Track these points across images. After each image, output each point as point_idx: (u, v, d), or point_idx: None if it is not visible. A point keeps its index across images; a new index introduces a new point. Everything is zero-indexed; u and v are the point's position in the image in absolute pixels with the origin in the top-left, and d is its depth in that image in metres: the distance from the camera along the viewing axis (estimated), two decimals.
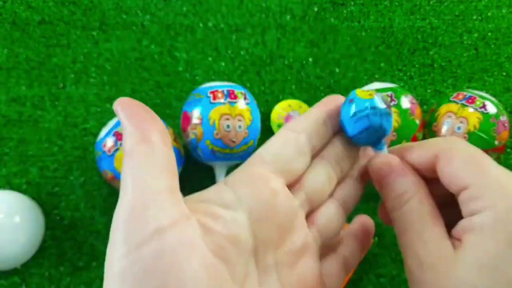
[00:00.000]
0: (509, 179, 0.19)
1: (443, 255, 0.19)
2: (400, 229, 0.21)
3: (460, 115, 0.46)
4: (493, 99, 0.47)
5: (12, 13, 0.58)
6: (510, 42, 0.59)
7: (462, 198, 0.20)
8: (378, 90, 0.47)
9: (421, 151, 0.22)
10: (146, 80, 0.56)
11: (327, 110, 0.24)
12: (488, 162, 0.20)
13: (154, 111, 0.59)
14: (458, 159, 0.20)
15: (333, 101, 0.24)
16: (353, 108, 0.23)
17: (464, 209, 0.19)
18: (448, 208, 0.22)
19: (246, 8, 0.60)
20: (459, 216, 0.20)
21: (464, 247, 0.18)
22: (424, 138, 0.49)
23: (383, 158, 0.23)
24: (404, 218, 0.21)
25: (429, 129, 0.49)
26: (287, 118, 0.54)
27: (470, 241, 0.18)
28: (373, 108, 0.22)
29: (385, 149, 0.23)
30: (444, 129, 0.47)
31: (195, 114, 0.46)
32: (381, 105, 0.22)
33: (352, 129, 0.23)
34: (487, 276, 0.17)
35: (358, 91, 0.23)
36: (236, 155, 0.46)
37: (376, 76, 0.57)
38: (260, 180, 0.21)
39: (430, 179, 0.22)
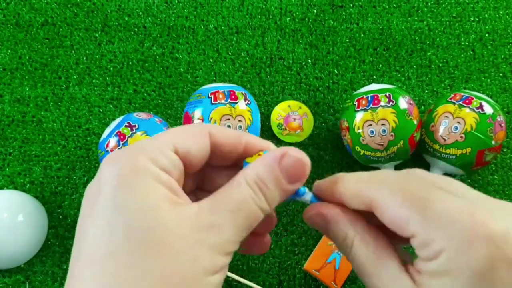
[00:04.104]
0: (457, 209, 0.18)
1: None
2: (357, 270, 0.21)
3: (457, 115, 0.47)
4: (490, 99, 0.48)
5: (15, 15, 0.59)
6: (507, 43, 0.60)
7: (412, 243, 0.19)
8: (376, 91, 0.48)
9: (354, 200, 0.21)
10: (148, 81, 0.57)
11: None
12: (431, 197, 0.18)
13: (156, 112, 0.60)
14: (396, 207, 0.19)
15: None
16: None
17: (418, 252, 0.19)
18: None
19: (246, 10, 0.61)
20: None
21: None
22: (421, 138, 0.50)
23: (314, 209, 0.22)
24: (356, 263, 0.21)
25: (426, 129, 0.49)
26: (287, 118, 0.54)
27: (430, 285, 0.18)
28: None
29: (307, 194, 0.23)
30: (441, 129, 0.48)
31: (197, 115, 0.47)
32: None
33: None
34: None
35: (247, 159, 0.22)
36: None
37: (374, 77, 0.58)
38: None
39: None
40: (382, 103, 0.46)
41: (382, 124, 0.46)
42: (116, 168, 0.18)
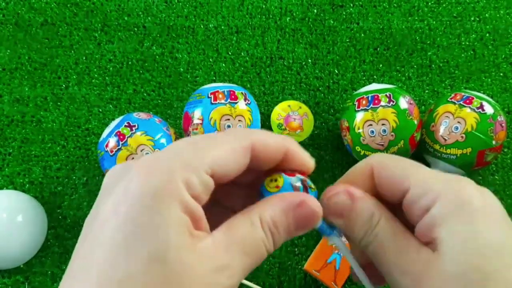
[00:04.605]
0: (438, 173, 0.21)
1: (428, 259, 0.19)
2: (378, 251, 0.21)
3: (457, 115, 0.47)
4: (491, 99, 0.48)
5: (15, 14, 0.59)
6: (507, 43, 0.59)
7: (409, 200, 0.21)
8: (376, 91, 0.48)
9: (356, 169, 0.23)
10: (147, 81, 0.57)
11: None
12: (417, 164, 0.22)
13: (156, 112, 0.60)
14: (391, 166, 0.22)
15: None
16: None
17: (415, 208, 0.20)
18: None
19: (246, 9, 0.60)
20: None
21: (440, 243, 0.19)
22: (422, 138, 0.50)
23: (340, 188, 0.22)
24: (380, 239, 0.21)
25: (427, 129, 0.49)
26: (287, 118, 0.54)
27: (444, 234, 0.19)
28: None
29: (336, 236, 0.23)
30: (441, 129, 0.47)
31: (196, 115, 0.47)
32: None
33: None
34: (470, 253, 0.18)
35: (267, 184, 0.22)
36: None
37: (375, 77, 0.58)
38: None
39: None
40: (382, 103, 0.46)
41: (383, 124, 0.46)
42: (149, 184, 0.18)
